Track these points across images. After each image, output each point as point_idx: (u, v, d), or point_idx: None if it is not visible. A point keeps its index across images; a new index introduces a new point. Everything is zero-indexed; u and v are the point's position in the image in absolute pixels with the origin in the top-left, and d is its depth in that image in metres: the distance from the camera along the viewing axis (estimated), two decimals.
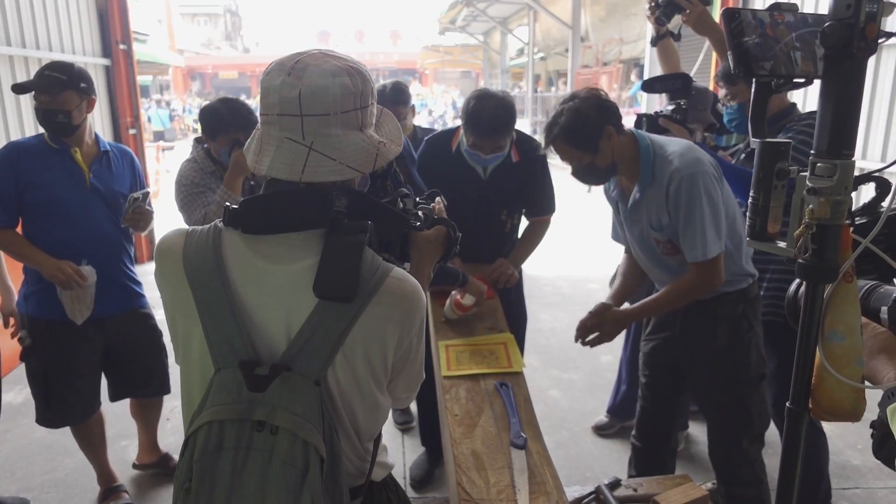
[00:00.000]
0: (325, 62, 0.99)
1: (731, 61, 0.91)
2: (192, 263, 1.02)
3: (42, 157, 2.26)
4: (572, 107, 1.88)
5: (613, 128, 1.88)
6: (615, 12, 14.35)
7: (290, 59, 1.00)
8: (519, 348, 2.38)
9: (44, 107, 2.23)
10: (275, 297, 1.00)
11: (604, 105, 1.89)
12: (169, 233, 1.08)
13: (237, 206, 1.02)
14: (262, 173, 1.01)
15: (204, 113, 2.38)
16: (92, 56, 5.40)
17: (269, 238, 1.01)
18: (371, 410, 1.08)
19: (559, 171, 2.45)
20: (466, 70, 35.79)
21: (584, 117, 1.86)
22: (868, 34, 0.83)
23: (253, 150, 1.04)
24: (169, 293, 1.06)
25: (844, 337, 0.90)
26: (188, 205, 2.29)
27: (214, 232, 1.04)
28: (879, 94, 4.06)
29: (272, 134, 1.01)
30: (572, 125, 1.87)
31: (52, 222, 2.26)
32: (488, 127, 2.29)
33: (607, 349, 4.12)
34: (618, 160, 1.93)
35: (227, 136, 2.30)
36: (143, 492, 2.73)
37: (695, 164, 1.84)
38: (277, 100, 0.98)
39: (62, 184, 2.27)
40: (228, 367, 0.97)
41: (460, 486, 1.49)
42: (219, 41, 43.65)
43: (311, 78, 0.97)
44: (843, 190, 0.88)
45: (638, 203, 1.97)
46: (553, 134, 1.91)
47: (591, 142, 1.88)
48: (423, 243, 1.20)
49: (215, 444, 0.92)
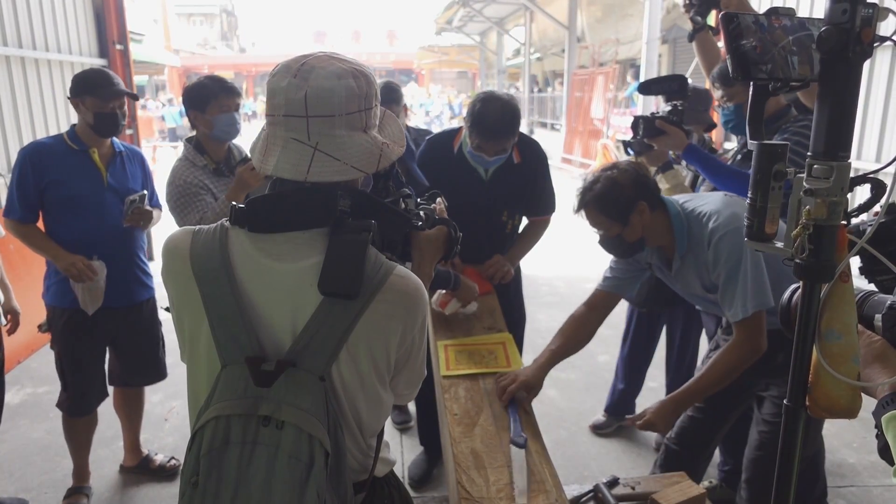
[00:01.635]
0: (330, 64, 1.01)
1: (730, 64, 0.92)
2: (198, 261, 1.03)
3: (63, 157, 2.40)
4: (610, 176, 1.89)
5: (647, 205, 1.89)
6: (611, 13, 14.40)
7: (296, 62, 1.02)
8: (518, 348, 2.39)
9: (106, 111, 2.38)
10: (280, 294, 1.01)
11: (641, 180, 1.90)
12: (176, 231, 1.10)
13: (244, 206, 1.03)
14: (268, 173, 1.03)
15: (189, 90, 2.42)
16: (88, 56, 5.40)
17: (274, 237, 1.03)
18: (374, 406, 1.10)
19: (558, 171, 2.46)
20: (463, 70, 35.82)
21: (619, 188, 1.87)
22: (864, 38, 0.85)
23: (259, 150, 1.06)
24: (176, 291, 1.07)
25: (841, 336, 0.92)
26: (182, 208, 2.32)
27: (221, 231, 1.06)
28: (874, 95, 4.09)
29: (278, 134, 1.03)
30: (607, 194, 1.87)
31: (71, 218, 2.40)
32: (493, 129, 2.30)
33: (604, 349, 4.16)
34: (649, 236, 1.93)
35: (216, 102, 2.35)
36: (128, 490, 2.75)
37: (733, 220, 1.82)
38: (283, 101, 1.00)
39: (82, 182, 2.40)
40: (235, 364, 0.98)
41: (460, 485, 1.50)
42: (215, 41, 43.56)
43: (317, 80, 0.99)
44: (839, 191, 0.90)
45: (680, 271, 1.97)
46: (586, 199, 1.91)
47: (623, 213, 1.88)
48: (425, 243, 1.22)
49: (222, 439, 0.93)
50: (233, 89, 2.43)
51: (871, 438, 0.87)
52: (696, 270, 1.93)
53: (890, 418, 0.81)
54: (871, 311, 0.92)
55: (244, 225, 1.03)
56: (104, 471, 2.85)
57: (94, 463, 2.86)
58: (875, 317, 0.91)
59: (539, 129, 18.92)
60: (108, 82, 2.38)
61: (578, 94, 14.03)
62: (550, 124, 18.24)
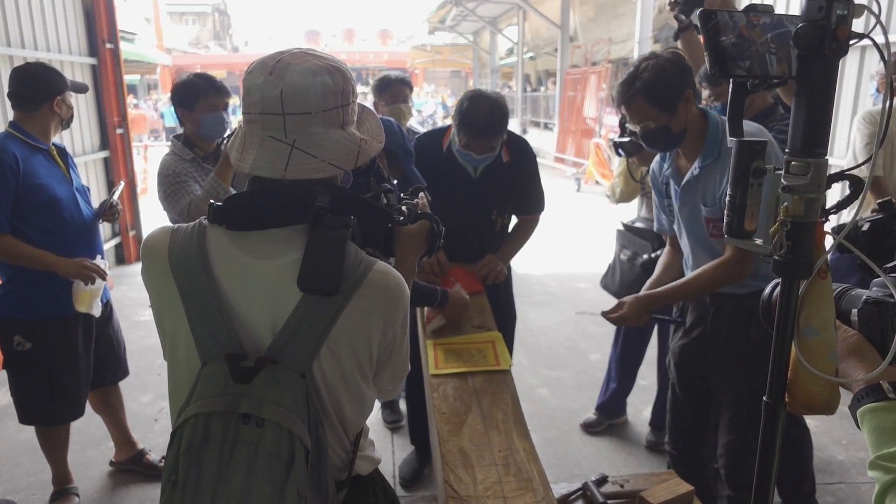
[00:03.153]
0: (306, 61, 1.01)
1: (708, 61, 0.92)
2: (177, 260, 1.03)
3: (35, 158, 2.28)
4: (655, 64, 1.79)
5: (692, 93, 1.81)
6: (603, 12, 14.42)
7: (271, 59, 1.02)
8: (508, 347, 2.39)
9: (71, 110, 2.34)
10: (260, 291, 1.01)
11: (686, 67, 1.82)
12: (154, 231, 1.09)
13: (221, 204, 1.03)
14: (246, 171, 1.03)
15: (178, 87, 2.40)
16: (78, 55, 5.37)
17: (253, 234, 1.03)
18: (356, 403, 1.10)
19: (551, 171, 2.46)
20: (456, 70, 35.79)
21: (667, 75, 1.78)
22: (839, 35, 0.85)
23: (236, 149, 1.06)
24: (155, 290, 1.07)
25: (819, 332, 0.92)
26: (171, 195, 2.30)
27: (199, 229, 1.05)
28: (845, 92, 4.15)
29: (255, 132, 1.02)
30: (655, 82, 1.78)
31: (55, 223, 2.29)
32: (481, 128, 2.29)
33: (596, 347, 4.17)
34: (687, 130, 1.86)
35: (205, 101, 2.34)
36: (117, 490, 2.73)
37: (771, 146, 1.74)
38: (259, 98, 1.00)
39: (56, 183, 2.33)
40: (214, 361, 0.98)
41: (448, 484, 1.50)
42: (207, 40, 43.35)
43: (293, 77, 0.98)
44: (816, 188, 0.90)
45: (695, 179, 1.91)
46: (634, 88, 1.80)
47: (671, 102, 1.79)
48: (407, 238, 1.22)
49: (202, 437, 0.93)
50: (222, 88, 2.41)
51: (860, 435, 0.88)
52: (709, 182, 1.88)
53: (865, 411, 0.81)
54: (847, 306, 0.93)
55: (222, 223, 1.03)
56: (93, 472, 2.83)
57: (83, 464, 2.85)
58: (852, 311, 0.91)
59: (532, 128, 18.94)
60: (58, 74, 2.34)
61: (571, 93, 14.05)
62: (543, 123, 18.25)
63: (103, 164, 5.76)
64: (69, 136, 5.09)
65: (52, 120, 2.34)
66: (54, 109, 2.33)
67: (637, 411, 3.32)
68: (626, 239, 2.90)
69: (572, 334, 4.48)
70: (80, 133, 5.32)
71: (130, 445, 2.84)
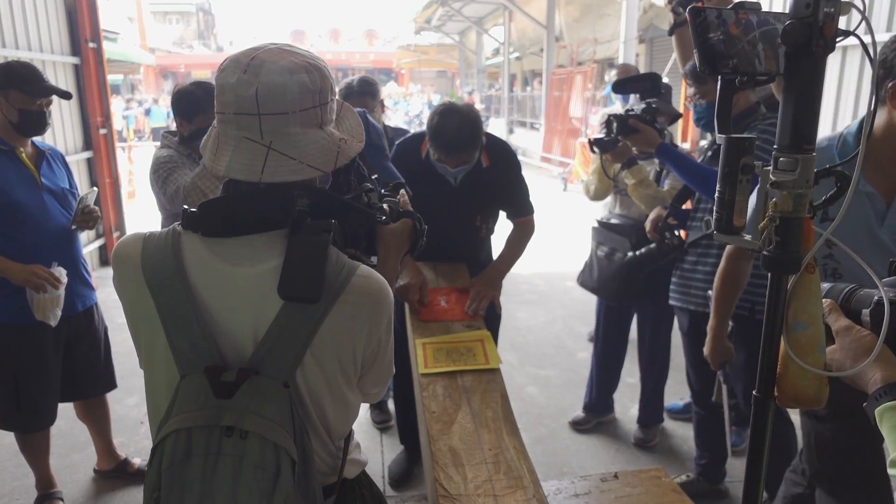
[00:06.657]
0: (281, 59, 0.96)
1: (696, 58, 0.93)
2: (151, 269, 0.98)
3: None
4: None
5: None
6: (589, 13, 14.48)
7: (245, 56, 0.97)
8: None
9: (35, 108, 2.23)
10: (239, 300, 0.98)
11: None
12: (125, 238, 1.04)
13: (196, 209, 0.99)
14: (220, 174, 0.98)
15: (178, 96, 2.35)
16: (61, 54, 5.29)
17: (230, 240, 0.99)
18: (341, 409, 1.07)
19: (537, 171, 2.46)
20: (442, 70, 35.81)
21: None
22: (826, 33, 0.86)
23: (210, 150, 1.00)
24: (129, 300, 1.03)
25: (807, 326, 0.93)
26: (162, 180, 2.25)
27: (173, 236, 1.01)
28: (827, 90, 4.20)
29: (229, 133, 0.97)
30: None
31: (14, 227, 2.21)
32: (452, 144, 2.25)
33: (584, 346, 4.19)
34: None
35: (204, 116, 2.28)
36: (102, 495, 2.69)
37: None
38: (233, 98, 0.95)
39: (19, 186, 2.22)
40: (194, 374, 0.95)
41: (438, 483, 1.50)
42: (191, 40, 42.99)
43: (268, 76, 0.94)
44: (804, 183, 0.91)
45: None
46: None
47: None
48: (390, 237, 1.19)
49: (184, 452, 0.90)
50: None
51: None
52: None
53: (884, 409, 0.81)
54: (858, 306, 0.93)
55: (197, 229, 0.99)
56: (78, 476, 2.79)
57: (67, 468, 2.81)
58: (863, 312, 0.92)
59: (518, 128, 18.99)
60: (37, 78, 2.22)
61: (557, 93, 14.10)
62: (530, 123, 18.30)
63: (86, 164, 5.69)
64: (51, 136, 5.02)
65: (3, 119, 2.22)
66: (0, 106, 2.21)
67: (625, 409, 3.34)
68: (603, 235, 2.92)
69: (560, 333, 4.49)
70: (62, 133, 5.25)
71: (113, 456, 2.78)
